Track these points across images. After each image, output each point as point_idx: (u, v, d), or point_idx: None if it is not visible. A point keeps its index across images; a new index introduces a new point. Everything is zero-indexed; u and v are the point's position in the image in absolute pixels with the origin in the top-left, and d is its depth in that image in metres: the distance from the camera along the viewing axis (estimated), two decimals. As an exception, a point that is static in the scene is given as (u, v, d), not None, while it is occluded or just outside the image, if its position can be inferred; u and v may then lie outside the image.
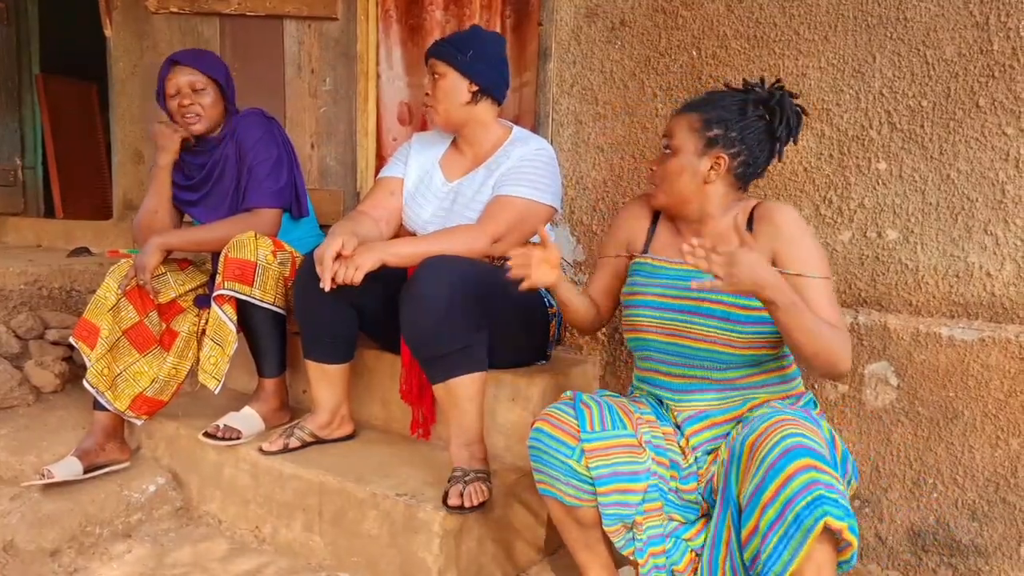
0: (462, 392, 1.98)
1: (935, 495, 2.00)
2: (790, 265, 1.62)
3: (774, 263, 1.63)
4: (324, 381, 2.27)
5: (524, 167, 2.19)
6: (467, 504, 1.87)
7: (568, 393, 1.74)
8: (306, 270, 2.11)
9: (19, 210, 5.03)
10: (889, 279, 2.11)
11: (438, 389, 2.01)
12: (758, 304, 1.58)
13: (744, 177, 1.72)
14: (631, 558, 1.66)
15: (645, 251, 1.86)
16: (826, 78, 2.17)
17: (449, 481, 1.94)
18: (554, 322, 2.31)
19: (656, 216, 1.88)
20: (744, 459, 1.41)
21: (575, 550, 1.78)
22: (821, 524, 1.28)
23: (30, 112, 5.17)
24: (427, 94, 2.25)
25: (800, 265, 1.62)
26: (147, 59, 3.72)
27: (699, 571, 1.59)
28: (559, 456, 1.63)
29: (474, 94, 2.22)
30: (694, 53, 2.38)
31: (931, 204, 2.05)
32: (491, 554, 2.00)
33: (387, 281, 2.05)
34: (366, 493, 2.01)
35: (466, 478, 1.93)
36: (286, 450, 2.22)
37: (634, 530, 1.63)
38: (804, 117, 1.73)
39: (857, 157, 2.14)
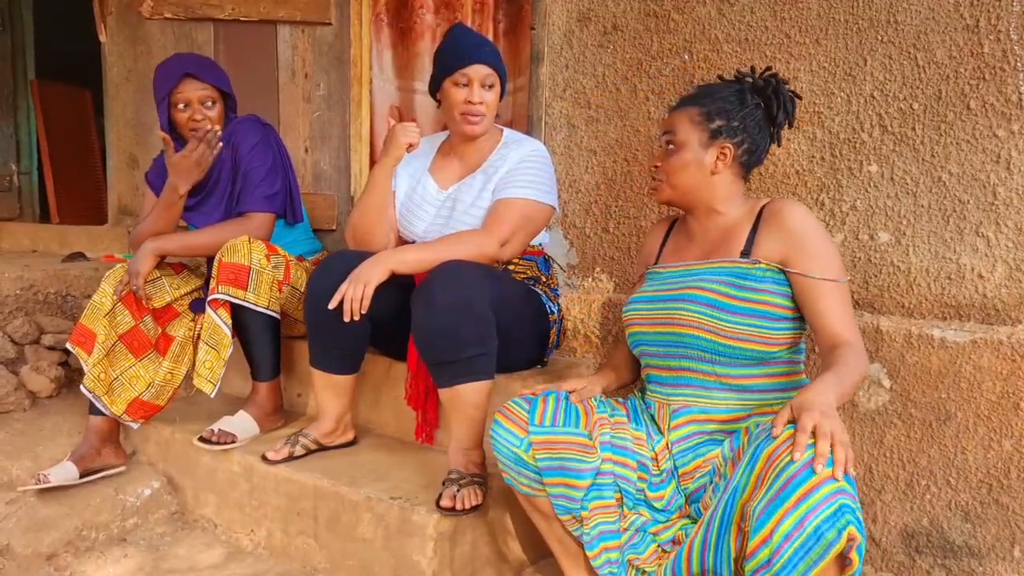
0: (468, 399, 1.97)
1: (928, 497, 2.00)
2: (799, 268, 1.62)
3: (784, 264, 1.64)
4: (331, 391, 2.25)
5: (523, 169, 2.20)
6: (459, 507, 1.87)
7: (538, 387, 1.79)
8: (319, 282, 2.10)
9: (14, 215, 5.04)
10: (881, 281, 2.11)
11: (443, 393, 2.00)
12: (748, 295, 1.61)
13: (748, 165, 1.76)
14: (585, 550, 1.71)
15: (656, 263, 1.91)
16: (817, 81, 2.18)
17: (444, 484, 1.94)
18: (554, 329, 2.31)
19: (669, 230, 1.94)
20: (759, 469, 1.34)
21: (548, 542, 1.83)
22: (845, 534, 1.23)
23: (25, 117, 5.19)
24: (479, 103, 2.20)
25: (809, 268, 1.61)
26: (141, 64, 3.71)
27: (670, 567, 1.57)
28: (510, 446, 1.70)
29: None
30: (686, 57, 2.39)
31: (923, 206, 2.05)
32: (485, 557, 2.00)
33: (398, 286, 2.04)
34: (360, 497, 2.01)
35: (461, 481, 1.93)
36: (291, 458, 2.20)
37: (583, 524, 1.67)
38: (798, 101, 1.78)
39: (849, 160, 2.15)
